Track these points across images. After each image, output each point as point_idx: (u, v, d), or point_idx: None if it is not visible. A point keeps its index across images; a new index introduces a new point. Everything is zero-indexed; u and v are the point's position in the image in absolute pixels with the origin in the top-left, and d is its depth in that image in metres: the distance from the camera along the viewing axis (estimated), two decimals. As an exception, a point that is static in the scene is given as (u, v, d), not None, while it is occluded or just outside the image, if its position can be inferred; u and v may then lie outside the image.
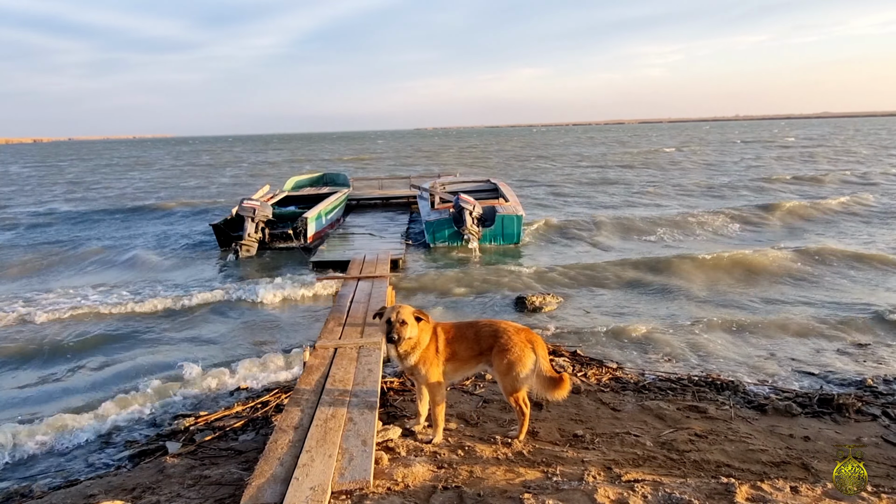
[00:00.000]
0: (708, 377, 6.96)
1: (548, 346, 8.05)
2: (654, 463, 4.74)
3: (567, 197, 26.27)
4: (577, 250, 15.27)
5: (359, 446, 4.44)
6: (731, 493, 3.66)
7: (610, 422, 5.66)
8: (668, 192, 26.84)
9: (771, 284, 11.50)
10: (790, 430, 5.56)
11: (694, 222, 18.39)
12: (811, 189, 26.60)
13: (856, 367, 7.41)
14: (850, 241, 15.31)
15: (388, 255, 13.06)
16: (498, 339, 4.99)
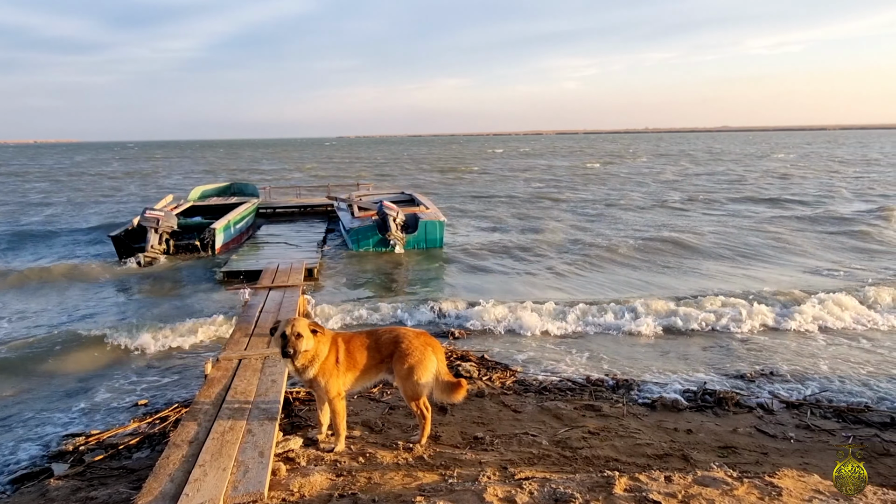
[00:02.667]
0: (604, 376, 7.32)
1: (457, 351, 8.26)
2: (548, 461, 4.95)
3: (496, 208, 26.76)
4: (497, 258, 15.59)
5: (256, 458, 4.39)
6: (611, 486, 3.88)
7: (510, 423, 5.85)
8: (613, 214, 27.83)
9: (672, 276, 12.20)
10: (675, 423, 5.94)
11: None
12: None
13: (737, 362, 7.97)
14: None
15: (303, 263, 12.90)
16: (398, 344, 5.07)
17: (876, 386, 7.15)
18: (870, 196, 27.92)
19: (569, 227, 19.91)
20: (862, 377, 7.42)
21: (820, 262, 14.39)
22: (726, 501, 3.69)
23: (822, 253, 15.51)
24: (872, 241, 17.01)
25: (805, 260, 14.66)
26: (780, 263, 14.21)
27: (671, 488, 3.86)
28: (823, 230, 18.68)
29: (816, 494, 3.87)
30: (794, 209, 23.62)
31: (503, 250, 16.24)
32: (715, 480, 3.99)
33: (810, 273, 13.22)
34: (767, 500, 3.73)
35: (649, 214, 22.96)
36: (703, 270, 13.60)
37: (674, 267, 13.99)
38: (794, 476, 4.22)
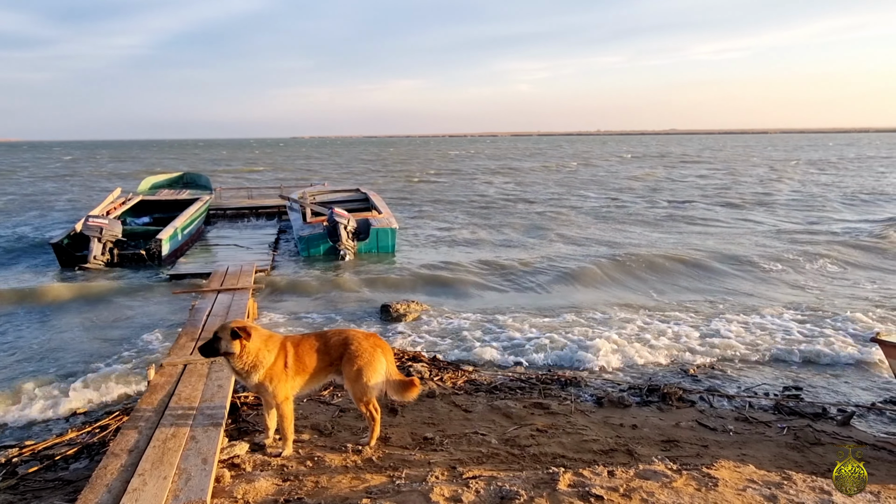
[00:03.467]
0: (554, 374, 7.43)
1: (409, 352, 8.26)
2: (496, 459, 4.99)
3: (446, 212, 26.81)
4: (448, 261, 15.62)
5: (199, 465, 4.29)
6: (555, 482, 3.95)
7: (461, 423, 5.88)
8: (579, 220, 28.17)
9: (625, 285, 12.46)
10: (621, 419, 6.08)
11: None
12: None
13: (681, 358, 8.21)
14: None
15: (254, 266, 12.67)
16: (348, 346, 5.04)
17: (809, 379, 7.46)
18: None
19: (528, 230, 20.11)
20: (795, 370, 7.73)
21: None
22: (665, 493, 3.79)
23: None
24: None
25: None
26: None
27: (614, 482, 3.94)
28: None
29: (750, 484, 4.02)
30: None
31: (459, 254, 16.30)
32: (655, 473, 4.10)
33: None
34: (704, 490, 3.86)
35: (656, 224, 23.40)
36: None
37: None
38: (730, 467, 4.37)
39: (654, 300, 11.36)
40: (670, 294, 11.81)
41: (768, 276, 13.26)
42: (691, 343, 8.73)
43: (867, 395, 6.98)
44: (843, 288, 12.13)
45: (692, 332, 9.17)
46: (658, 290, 12.07)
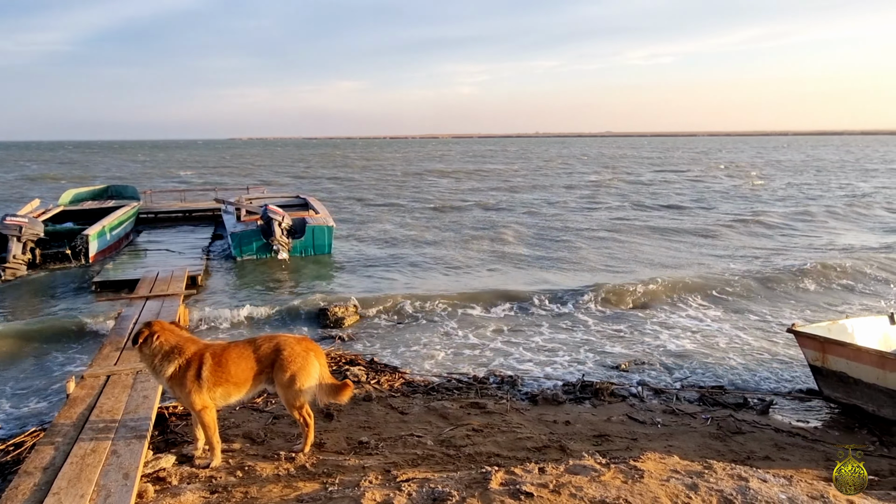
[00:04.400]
0: (491, 374, 7.51)
1: (346, 355, 8.17)
2: (431, 461, 5.00)
3: (390, 211, 26.67)
4: (387, 262, 15.54)
5: (119, 481, 4.11)
6: (488, 481, 3.98)
7: (397, 425, 5.86)
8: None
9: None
10: (555, 416, 6.20)
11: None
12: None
13: (613, 354, 8.43)
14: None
15: (185, 271, 12.25)
16: (279, 353, 4.94)
17: (732, 371, 7.80)
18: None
19: (469, 232, 20.24)
20: (720, 363, 8.07)
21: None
22: (594, 487, 3.88)
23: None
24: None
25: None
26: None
27: (544, 479, 4.01)
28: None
29: (674, 474, 4.16)
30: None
31: (396, 255, 16.25)
32: (585, 468, 4.19)
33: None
34: (630, 483, 3.97)
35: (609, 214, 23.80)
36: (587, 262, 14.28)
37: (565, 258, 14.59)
38: (656, 459, 4.51)
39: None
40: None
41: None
42: (622, 339, 8.99)
43: (786, 385, 7.35)
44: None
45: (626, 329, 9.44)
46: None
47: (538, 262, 14.90)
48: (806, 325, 6.64)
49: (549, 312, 10.48)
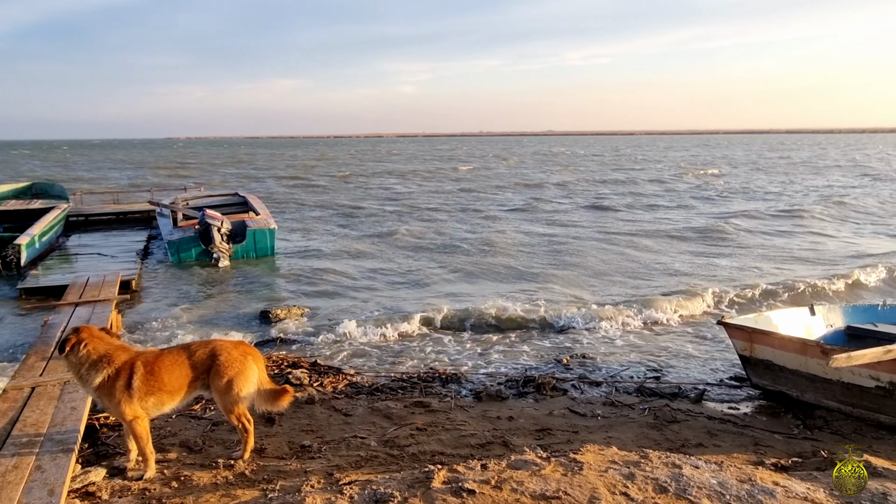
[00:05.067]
0: (435, 372, 7.52)
1: (288, 358, 8.03)
2: (375, 462, 4.97)
3: (335, 213, 26.34)
4: (333, 263, 15.35)
5: (44, 498, 3.92)
6: (430, 480, 3.98)
7: (340, 427, 5.79)
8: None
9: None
10: (499, 412, 6.26)
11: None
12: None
13: (555, 349, 8.59)
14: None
15: (118, 276, 11.79)
16: (216, 358, 4.81)
17: (670, 361, 8.07)
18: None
19: (415, 234, 20.21)
20: (657, 355, 8.34)
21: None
22: (534, 481, 3.94)
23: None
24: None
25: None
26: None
27: (486, 475, 4.04)
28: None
29: (612, 465, 4.26)
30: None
31: (343, 255, 16.08)
32: (526, 463, 4.25)
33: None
34: (570, 475, 4.04)
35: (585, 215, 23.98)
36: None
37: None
38: (595, 450, 4.61)
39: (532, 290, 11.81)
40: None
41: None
42: (564, 334, 9.17)
43: (720, 374, 7.64)
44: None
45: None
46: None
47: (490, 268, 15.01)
48: (735, 316, 6.92)
49: (496, 311, 10.56)
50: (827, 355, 5.42)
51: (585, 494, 3.79)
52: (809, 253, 15.77)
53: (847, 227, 20.29)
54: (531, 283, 12.54)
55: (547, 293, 11.63)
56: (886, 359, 5.36)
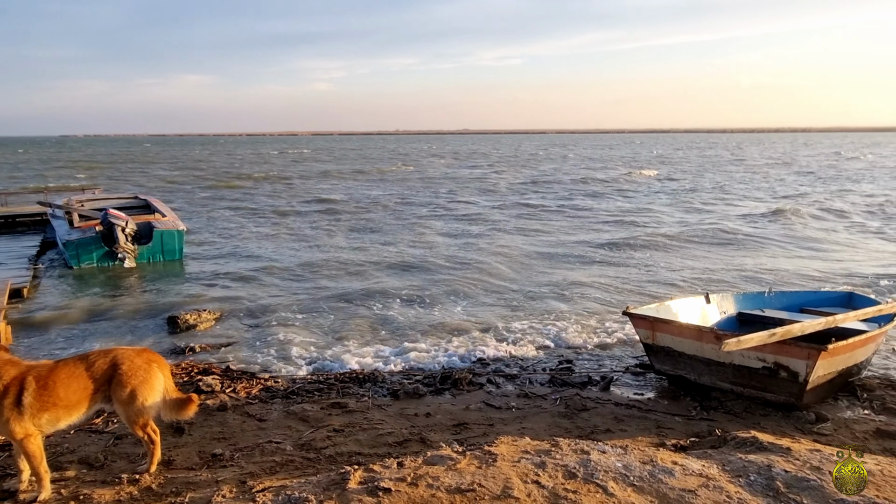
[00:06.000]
0: (352, 373, 7.48)
1: (199, 364, 7.74)
2: (290, 467, 4.88)
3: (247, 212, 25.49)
4: (244, 266, 14.88)
5: (-79, 528, 3.60)
6: (346, 481, 3.97)
7: (254, 433, 5.65)
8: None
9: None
10: (416, 409, 6.30)
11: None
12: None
13: (470, 345, 8.74)
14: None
15: (7, 283, 10.97)
16: (118, 367, 4.57)
17: (581, 353, 8.40)
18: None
19: (334, 234, 19.92)
20: (569, 347, 8.66)
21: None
22: (450, 476, 4.01)
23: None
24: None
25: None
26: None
27: (402, 473, 4.07)
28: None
29: (524, 455, 4.40)
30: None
31: (254, 258, 15.63)
32: (442, 458, 4.31)
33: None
34: (484, 467, 4.14)
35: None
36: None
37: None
38: (508, 442, 4.75)
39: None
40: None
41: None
42: (482, 330, 9.34)
43: (626, 362, 8.02)
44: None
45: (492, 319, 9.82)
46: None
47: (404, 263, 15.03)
48: (638, 307, 7.30)
49: (415, 312, 10.61)
50: (720, 340, 5.81)
51: (499, 485, 3.90)
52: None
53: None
54: (448, 283, 12.69)
55: (465, 298, 11.81)
56: (771, 342, 5.81)
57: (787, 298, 8.41)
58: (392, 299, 11.14)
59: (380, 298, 11.20)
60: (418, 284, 12.23)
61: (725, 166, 52.50)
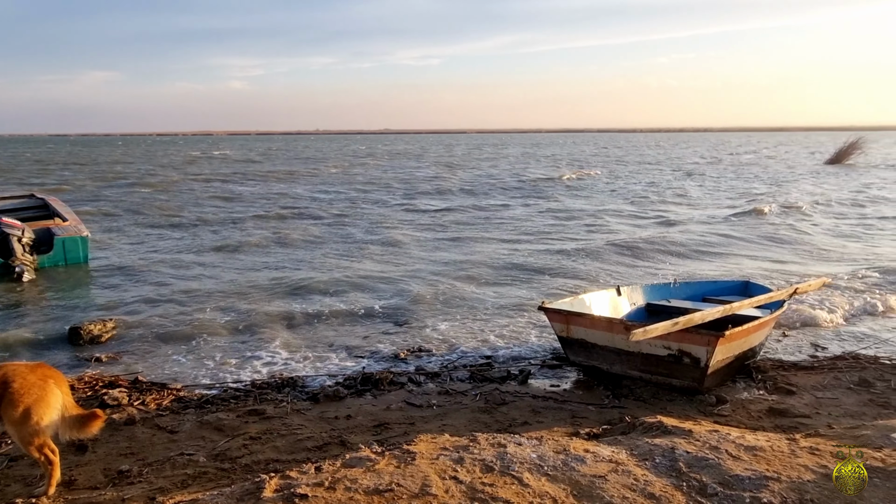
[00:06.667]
0: (270, 377, 7.31)
1: (104, 377, 7.34)
2: (204, 479, 4.72)
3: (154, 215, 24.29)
4: (153, 270, 14.18)
5: None
6: (261, 490, 3.88)
7: (165, 446, 5.43)
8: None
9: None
10: (336, 412, 6.24)
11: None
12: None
13: (392, 345, 8.73)
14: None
15: None
16: (8, 385, 4.27)
17: (498, 348, 8.56)
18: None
19: (249, 239, 19.33)
20: (489, 342, 8.81)
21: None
22: (368, 477, 3.99)
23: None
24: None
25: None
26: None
27: (320, 477, 4.02)
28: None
29: (443, 451, 4.45)
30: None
31: (163, 264, 14.96)
32: (361, 460, 4.29)
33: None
34: (403, 466, 4.15)
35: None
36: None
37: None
38: (428, 440, 4.78)
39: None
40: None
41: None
42: (405, 329, 9.36)
43: (544, 355, 8.23)
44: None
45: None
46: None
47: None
48: (553, 301, 7.53)
49: (333, 311, 10.47)
50: (628, 331, 6.09)
51: (418, 483, 3.92)
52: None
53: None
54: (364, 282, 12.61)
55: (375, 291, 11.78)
56: (675, 330, 6.15)
57: (690, 289, 8.91)
58: (314, 301, 10.95)
59: (301, 300, 10.98)
60: (342, 286, 12.08)
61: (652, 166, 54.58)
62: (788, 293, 7.88)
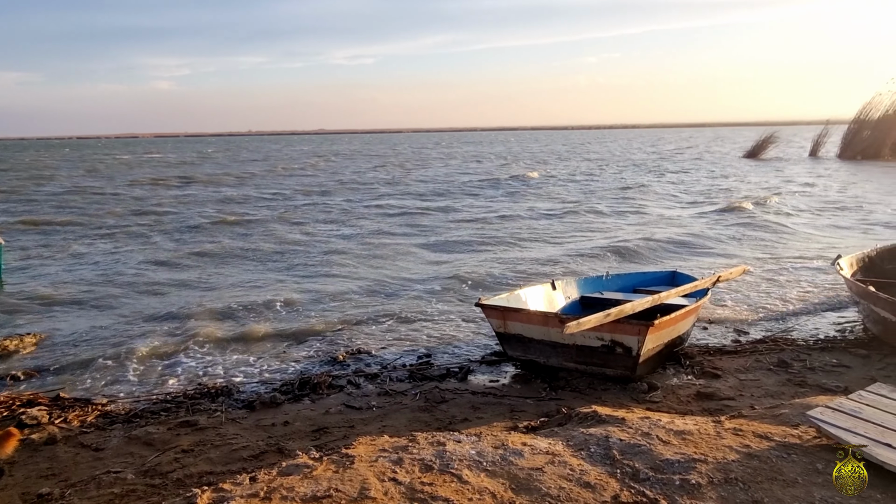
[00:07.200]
0: (203, 387, 7.08)
1: (22, 396, 6.92)
2: (132, 497, 4.53)
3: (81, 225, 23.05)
4: (73, 280, 13.47)
5: None
6: (192, 504, 3.75)
7: (90, 465, 5.17)
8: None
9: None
10: (273, 418, 6.10)
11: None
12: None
13: (330, 347, 8.60)
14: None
15: None
16: None
17: (437, 346, 8.58)
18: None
19: (171, 245, 18.63)
20: (428, 342, 8.81)
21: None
22: (305, 484, 3.92)
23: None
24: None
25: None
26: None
27: (255, 488, 3.92)
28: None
29: (382, 453, 4.42)
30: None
31: (85, 273, 14.25)
32: (297, 467, 4.21)
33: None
34: (342, 471, 4.11)
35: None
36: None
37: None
38: (367, 442, 4.74)
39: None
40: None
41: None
42: (342, 332, 9.25)
43: (482, 352, 8.29)
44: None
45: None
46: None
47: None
48: (489, 297, 7.60)
49: (268, 317, 10.24)
50: (563, 324, 6.21)
51: (356, 487, 3.89)
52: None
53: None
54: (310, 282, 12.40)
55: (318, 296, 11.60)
56: (607, 321, 6.32)
57: (622, 280, 9.18)
58: (250, 307, 10.65)
59: (236, 307, 10.67)
60: (280, 292, 11.81)
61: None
62: (712, 281, 8.23)
